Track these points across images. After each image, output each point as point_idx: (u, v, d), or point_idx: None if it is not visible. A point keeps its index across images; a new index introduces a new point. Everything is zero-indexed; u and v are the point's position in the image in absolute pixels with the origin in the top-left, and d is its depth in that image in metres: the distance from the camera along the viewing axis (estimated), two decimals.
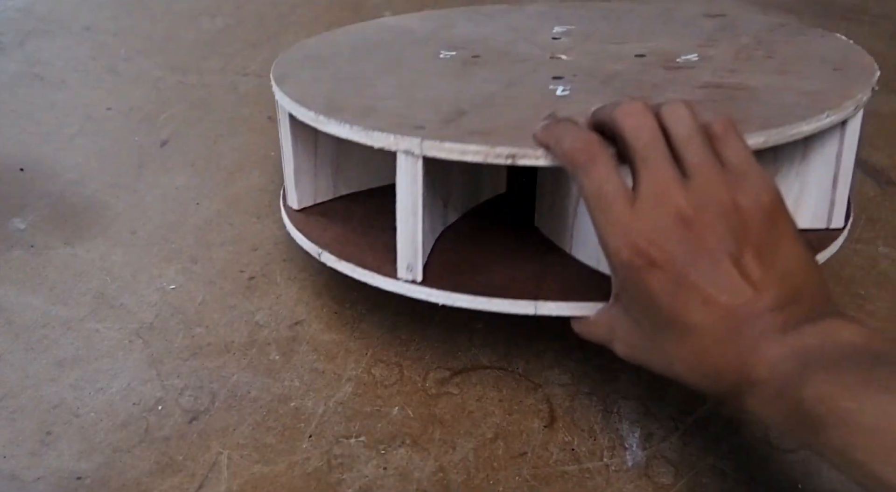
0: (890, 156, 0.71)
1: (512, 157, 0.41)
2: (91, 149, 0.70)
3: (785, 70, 0.51)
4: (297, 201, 0.54)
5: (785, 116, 0.43)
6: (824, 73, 0.50)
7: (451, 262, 0.48)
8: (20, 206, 0.64)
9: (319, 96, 0.49)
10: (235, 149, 0.71)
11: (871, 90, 0.48)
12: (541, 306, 0.44)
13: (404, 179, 0.44)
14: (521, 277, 0.46)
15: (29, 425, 0.47)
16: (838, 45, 0.56)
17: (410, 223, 0.45)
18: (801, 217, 0.50)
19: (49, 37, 0.87)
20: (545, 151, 0.40)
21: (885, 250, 0.61)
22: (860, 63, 0.52)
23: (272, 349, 0.52)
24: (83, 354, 0.52)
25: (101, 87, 0.79)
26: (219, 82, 0.80)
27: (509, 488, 0.44)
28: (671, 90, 0.48)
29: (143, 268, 0.58)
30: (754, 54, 0.54)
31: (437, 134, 0.42)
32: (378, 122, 0.44)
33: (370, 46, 0.59)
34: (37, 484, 0.44)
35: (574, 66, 0.54)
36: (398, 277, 0.47)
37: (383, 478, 0.44)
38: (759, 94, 0.47)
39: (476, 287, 0.45)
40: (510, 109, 0.46)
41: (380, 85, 0.51)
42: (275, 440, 0.47)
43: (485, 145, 0.41)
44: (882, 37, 0.91)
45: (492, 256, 0.49)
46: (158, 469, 0.45)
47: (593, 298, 0.44)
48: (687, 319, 0.36)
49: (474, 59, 0.56)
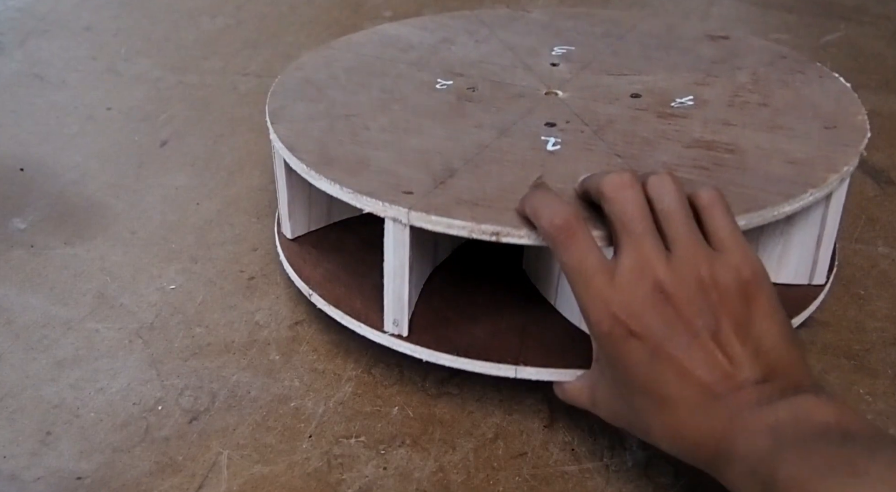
0: (890, 156, 0.71)
1: (496, 234, 0.42)
2: (91, 149, 0.70)
3: (777, 124, 0.51)
4: (290, 231, 0.55)
5: (769, 195, 0.44)
6: (815, 130, 0.50)
7: (437, 309, 0.49)
8: (20, 206, 0.64)
9: (312, 142, 0.50)
10: (235, 149, 0.71)
11: (858, 158, 0.48)
12: (521, 371, 0.45)
13: (392, 243, 0.45)
14: (505, 333, 0.48)
15: (29, 425, 0.47)
16: (834, 90, 0.55)
17: (398, 283, 0.46)
18: (784, 274, 0.51)
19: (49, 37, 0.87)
20: (528, 230, 0.41)
21: (885, 250, 0.61)
22: (852, 120, 0.51)
23: (272, 349, 0.52)
24: (83, 354, 0.52)
25: (101, 87, 0.79)
26: (219, 82, 0.80)
27: (509, 488, 0.44)
28: (662, 149, 0.49)
29: (143, 268, 0.58)
30: (749, 100, 0.54)
31: (426, 203, 0.43)
32: (368, 182, 0.45)
33: (367, 71, 0.59)
34: (37, 484, 0.44)
35: (568, 107, 0.54)
36: (384, 329, 0.48)
37: (383, 478, 0.44)
38: (746, 159, 0.47)
39: (459, 345, 0.47)
40: (499, 169, 0.47)
41: (373, 127, 0.51)
42: (275, 440, 0.47)
43: (471, 221, 0.42)
44: (882, 37, 0.91)
45: (478, 303, 0.50)
46: (158, 469, 0.45)
47: (573, 363, 0.45)
48: (663, 390, 0.37)
49: (469, 92, 0.56)
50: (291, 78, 0.58)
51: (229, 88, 0.79)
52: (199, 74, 0.82)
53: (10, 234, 0.61)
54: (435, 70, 0.59)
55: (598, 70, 0.59)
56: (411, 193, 0.44)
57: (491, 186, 0.45)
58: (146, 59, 0.84)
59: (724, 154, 0.48)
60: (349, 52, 0.62)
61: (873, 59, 0.87)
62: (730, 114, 0.53)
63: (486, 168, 0.47)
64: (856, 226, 0.63)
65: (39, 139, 0.72)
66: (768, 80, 0.57)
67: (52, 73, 0.81)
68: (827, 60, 0.86)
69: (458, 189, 0.45)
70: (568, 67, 0.60)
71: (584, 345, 0.45)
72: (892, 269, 0.59)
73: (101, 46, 0.86)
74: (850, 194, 0.52)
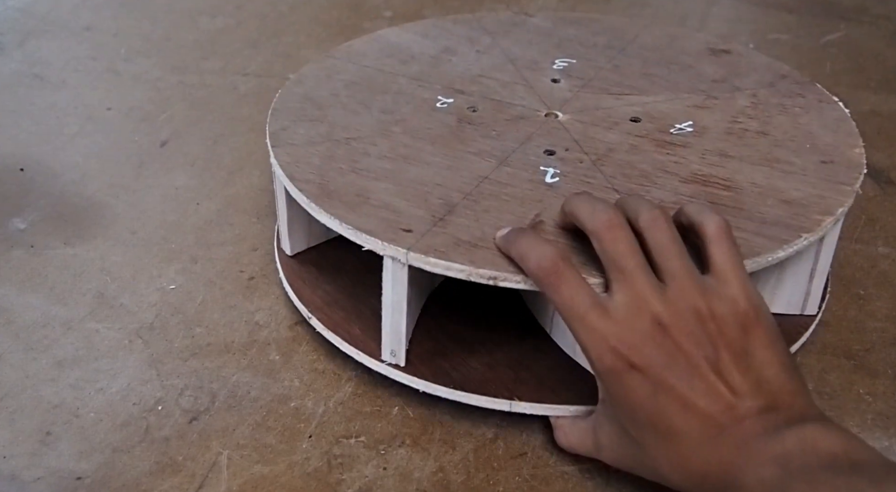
0: (890, 156, 0.71)
1: (494, 279, 0.42)
2: (91, 149, 0.70)
3: (774, 157, 0.51)
4: (290, 248, 0.56)
5: (763, 240, 0.44)
6: (812, 165, 0.50)
7: (435, 338, 0.50)
8: (20, 206, 0.64)
9: (312, 170, 0.50)
10: (235, 149, 0.71)
11: (854, 197, 0.48)
12: (515, 405, 0.46)
13: (391, 280, 0.45)
14: (501, 364, 0.48)
15: (29, 425, 0.47)
16: (832, 118, 0.55)
17: (396, 318, 0.46)
18: (777, 304, 0.51)
19: (49, 37, 0.87)
20: (525, 276, 0.42)
21: (885, 250, 0.61)
22: (849, 154, 0.51)
23: (272, 349, 0.52)
24: (83, 354, 0.52)
25: (101, 87, 0.79)
26: (219, 82, 0.80)
27: (509, 488, 0.44)
28: (660, 184, 0.49)
29: (142, 268, 0.58)
30: (748, 127, 0.54)
31: (424, 244, 0.44)
32: (368, 219, 0.46)
33: (367, 86, 0.59)
34: (37, 484, 0.44)
35: (568, 132, 0.54)
36: (382, 359, 0.48)
37: (383, 478, 0.44)
38: (742, 197, 0.48)
39: (455, 377, 0.47)
40: (498, 205, 0.47)
41: (373, 153, 0.51)
42: (275, 440, 0.47)
43: (468, 265, 0.42)
44: (882, 37, 0.91)
45: (475, 331, 0.50)
46: (158, 469, 0.45)
47: (566, 399, 0.46)
48: (668, 423, 0.37)
49: (470, 112, 0.56)
50: (292, 94, 0.58)
51: (229, 88, 0.79)
52: (199, 74, 0.82)
53: (10, 234, 0.61)
54: (435, 86, 0.59)
55: (598, 88, 0.59)
56: (410, 231, 0.45)
57: (489, 225, 0.45)
58: (146, 59, 0.84)
59: (720, 191, 0.48)
60: (350, 63, 0.62)
61: (873, 59, 0.87)
62: (728, 144, 0.52)
63: (485, 204, 0.47)
64: (856, 226, 0.63)
65: (39, 139, 0.72)
66: (768, 105, 0.57)
67: (51, 73, 0.81)
68: (827, 60, 0.86)
69: (456, 227, 0.45)
70: (568, 84, 0.59)
71: (577, 380, 0.47)
72: (892, 269, 0.59)
73: (101, 46, 0.86)
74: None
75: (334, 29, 0.91)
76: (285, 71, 0.82)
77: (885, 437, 0.47)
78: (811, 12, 0.96)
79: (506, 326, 0.51)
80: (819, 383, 0.50)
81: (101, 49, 0.85)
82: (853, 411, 0.49)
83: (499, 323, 0.51)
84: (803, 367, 0.51)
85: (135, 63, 0.83)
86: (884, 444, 0.47)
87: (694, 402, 0.37)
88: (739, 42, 0.89)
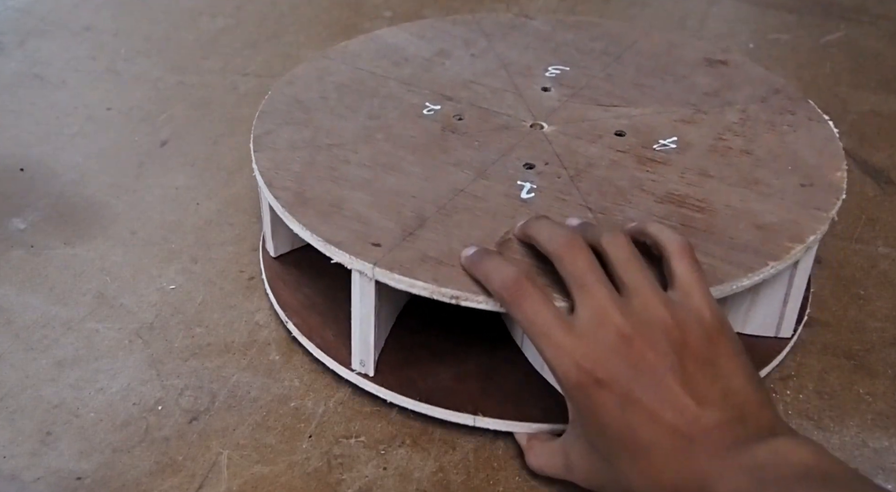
0: (890, 156, 0.71)
1: (456, 298, 0.42)
2: (91, 149, 0.70)
3: (754, 178, 0.51)
4: (273, 250, 0.56)
5: (729, 267, 0.44)
6: (790, 187, 0.50)
7: (407, 348, 0.50)
8: (20, 206, 0.64)
9: (291, 177, 0.50)
10: (235, 149, 0.71)
11: (829, 223, 0.48)
12: (479, 420, 0.46)
13: (359, 293, 0.45)
14: (469, 376, 0.48)
15: (29, 425, 0.47)
16: (820, 137, 0.54)
17: (364, 329, 0.46)
18: (750, 326, 0.51)
19: (49, 37, 0.87)
20: (487, 297, 0.42)
21: (885, 250, 0.61)
22: (830, 177, 0.51)
23: (272, 349, 0.52)
24: (83, 354, 0.52)
25: (101, 87, 0.79)
26: (219, 82, 0.80)
27: (509, 488, 0.44)
28: (634, 203, 0.49)
29: (143, 268, 0.58)
30: (732, 145, 0.54)
31: (390, 259, 0.44)
32: (338, 230, 0.46)
33: (357, 89, 0.59)
34: (37, 484, 0.44)
35: (550, 145, 0.54)
36: (352, 367, 0.48)
37: (383, 478, 0.44)
38: (715, 220, 0.47)
39: (422, 388, 0.47)
40: (470, 220, 0.47)
41: (354, 160, 0.52)
42: (275, 440, 0.47)
43: (432, 283, 0.42)
44: (882, 37, 0.91)
45: (447, 341, 0.50)
46: (158, 469, 0.45)
47: (530, 416, 0.46)
48: (636, 437, 0.37)
49: (455, 120, 0.56)
50: (282, 95, 0.58)
51: (229, 88, 0.79)
52: (199, 74, 0.82)
53: (10, 234, 0.61)
54: (424, 91, 0.59)
55: (587, 98, 0.59)
56: (379, 244, 0.45)
57: (458, 241, 0.45)
58: (146, 59, 0.84)
59: (693, 213, 0.48)
60: (343, 64, 0.62)
61: (873, 59, 0.87)
62: (709, 162, 0.52)
63: (457, 218, 0.47)
64: (856, 226, 0.63)
65: (39, 139, 0.72)
66: (756, 121, 0.56)
67: (51, 73, 0.81)
68: (827, 60, 0.86)
69: (425, 243, 0.45)
70: (558, 93, 0.59)
71: (543, 396, 0.47)
72: (892, 269, 0.59)
73: (101, 46, 0.86)
74: (850, 194, 0.51)
75: (334, 29, 0.91)
76: (285, 71, 0.82)
77: (885, 437, 0.47)
78: (811, 12, 0.96)
79: (479, 336, 0.51)
80: (819, 383, 0.50)
81: (101, 49, 0.85)
82: (853, 411, 0.49)
83: (473, 332, 0.51)
84: (803, 367, 0.51)
85: (135, 63, 0.83)
86: (884, 444, 0.47)
87: (661, 414, 0.36)
88: (739, 42, 0.89)
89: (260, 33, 0.89)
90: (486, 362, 0.49)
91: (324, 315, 0.52)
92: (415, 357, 0.49)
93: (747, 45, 0.89)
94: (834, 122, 0.56)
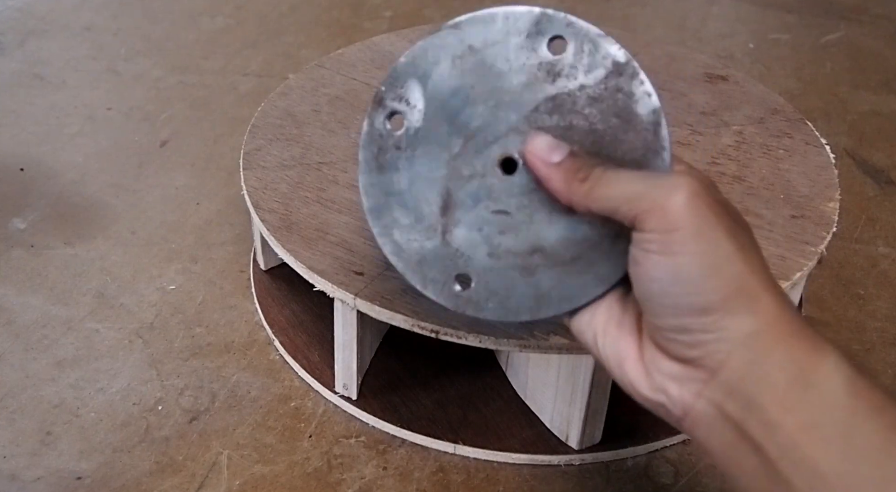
0: (890, 156, 0.71)
1: (436, 332, 0.42)
2: (91, 149, 0.70)
3: (743, 209, 0.49)
4: (264, 263, 0.56)
5: None
6: (781, 219, 0.49)
7: (391, 370, 0.50)
8: (20, 206, 0.64)
9: (278, 198, 0.50)
10: (235, 149, 0.71)
11: (818, 259, 0.47)
12: (459, 449, 0.46)
13: (341, 321, 0.45)
14: (451, 402, 0.48)
15: (29, 425, 0.47)
16: (815, 164, 0.53)
17: (347, 355, 0.47)
18: None
19: (49, 37, 0.87)
20: (466, 332, 0.42)
21: (885, 250, 0.61)
22: (822, 208, 0.49)
23: (272, 349, 0.52)
24: (83, 354, 0.52)
25: (101, 87, 0.79)
26: (219, 82, 0.80)
27: (509, 488, 0.44)
28: None
29: (143, 268, 0.58)
30: (726, 171, 0.52)
31: (372, 290, 0.43)
32: (322, 258, 0.45)
33: (350, 103, 0.58)
34: (37, 484, 0.44)
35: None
36: (336, 390, 0.49)
37: (383, 478, 0.45)
38: None
39: (404, 414, 0.47)
40: None
41: (342, 180, 0.51)
42: (275, 440, 0.47)
43: (412, 317, 0.42)
44: (882, 37, 0.91)
45: (432, 364, 0.50)
46: (158, 469, 0.45)
47: (509, 447, 0.46)
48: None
49: None
50: (274, 108, 0.57)
51: (229, 88, 0.79)
52: (199, 74, 0.82)
53: (10, 234, 0.61)
54: None
55: None
56: (362, 273, 0.45)
57: None
58: (146, 59, 0.84)
59: None
60: (338, 74, 0.61)
61: (873, 59, 0.87)
62: None
63: None
64: (856, 226, 0.63)
65: (39, 139, 0.72)
66: (752, 144, 0.55)
67: (51, 73, 0.81)
68: (827, 60, 0.86)
69: None
70: None
71: (524, 426, 0.47)
72: (892, 269, 0.59)
73: (101, 46, 0.86)
74: (850, 194, 0.51)
75: (334, 29, 0.91)
76: (285, 71, 0.82)
77: None
78: (811, 12, 0.96)
79: (464, 360, 0.50)
80: None
81: (101, 49, 0.85)
82: None
83: (458, 355, 0.51)
84: None
85: (135, 63, 0.83)
86: None
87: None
88: (739, 42, 0.89)
89: (260, 33, 0.89)
90: (468, 388, 0.49)
91: (310, 334, 0.52)
92: (398, 380, 0.49)
93: (747, 45, 0.89)
94: (834, 122, 0.56)
